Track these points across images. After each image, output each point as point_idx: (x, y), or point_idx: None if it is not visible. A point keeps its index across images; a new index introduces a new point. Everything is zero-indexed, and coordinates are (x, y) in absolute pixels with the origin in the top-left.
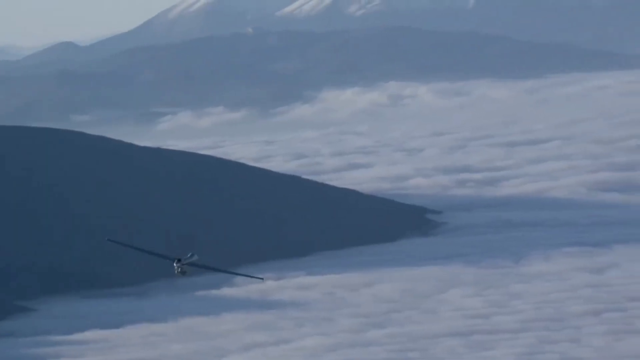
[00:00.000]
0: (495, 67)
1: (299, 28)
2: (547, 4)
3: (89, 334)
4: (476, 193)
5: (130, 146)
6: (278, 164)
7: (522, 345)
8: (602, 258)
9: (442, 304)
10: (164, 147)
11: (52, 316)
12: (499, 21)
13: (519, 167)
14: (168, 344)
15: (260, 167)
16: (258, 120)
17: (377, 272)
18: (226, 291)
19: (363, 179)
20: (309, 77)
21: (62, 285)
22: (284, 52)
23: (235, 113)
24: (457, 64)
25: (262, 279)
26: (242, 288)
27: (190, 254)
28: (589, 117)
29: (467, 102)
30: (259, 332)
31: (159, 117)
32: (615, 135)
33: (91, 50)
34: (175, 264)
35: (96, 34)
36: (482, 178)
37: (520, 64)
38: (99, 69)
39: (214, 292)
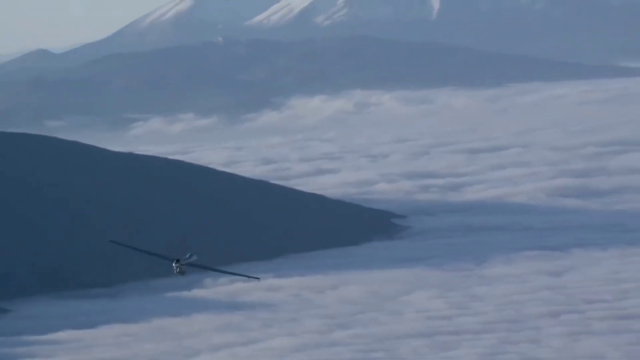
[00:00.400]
0: (458, 76)
1: (268, 37)
2: (508, 16)
3: (62, 334)
4: (439, 198)
5: (103, 151)
6: (247, 169)
7: (483, 345)
8: (560, 261)
9: (406, 305)
10: (136, 152)
11: (26, 317)
12: (461, 32)
13: (481, 173)
14: (139, 344)
15: (229, 172)
16: (227, 127)
17: (343, 274)
18: (196, 293)
19: (329, 184)
20: (277, 85)
21: (35, 286)
22: (253, 61)
23: (205, 119)
24: (421, 73)
25: (258, 278)
26: (211, 290)
27: (188, 254)
28: (547, 125)
29: (430, 110)
30: (228, 333)
31: (131, 123)
32: (573, 142)
33: (65, 57)
34: (174, 264)
35: (70, 42)
36: (445, 183)
37: (482, 74)
38: (73, 76)
39: (185, 293)
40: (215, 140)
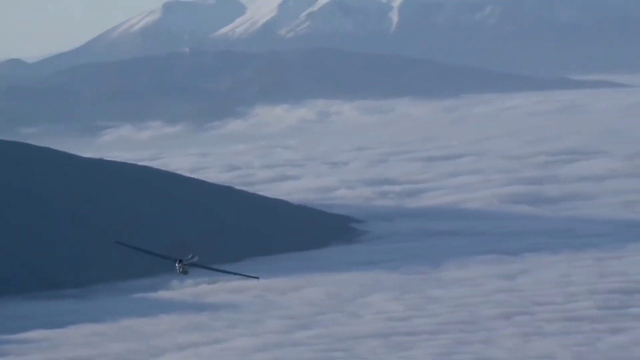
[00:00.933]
0: (415, 87)
1: (232, 48)
2: (463, 31)
3: (33, 334)
4: (397, 204)
5: (74, 157)
6: (212, 175)
7: (438, 346)
8: (513, 265)
9: (364, 307)
10: (106, 158)
11: None
12: (418, 45)
13: (437, 181)
14: (108, 343)
15: (195, 177)
16: (194, 134)
17: (305, 277)
18: (163, 294)
19: (292, 190)
20: (241, 94)
21: (6, 287)
22: (218, 71)
23: (173, 127)
24: (380, 84)
25: (257, 278)
26: (177, 291)
27: (191, 255)
28: (500, 135)
29: (389, 119)
30: (193, 333)
31: (101, 130)
32: (524, 151)
33: (38, 67)
34: (177, 265)
35: (43, 51)
36: (403, 190)
37: (438, 85)
38: (45, 85)
39: (152, 294)
40: (182, 147)
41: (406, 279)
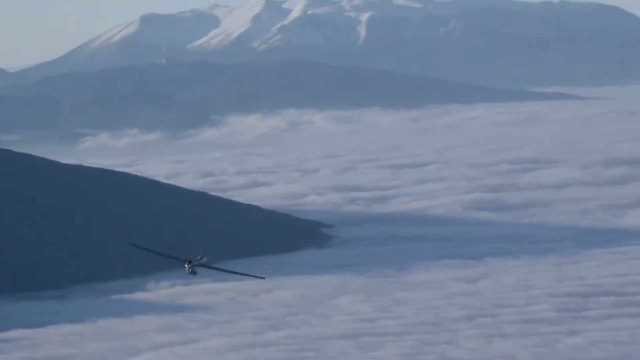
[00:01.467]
0: (383, 98)
1: (208, 60)
2: (428, 44)
3: (13, 333)
4: (365, 210)
5: (54, 163)
6: (188, 181)
7: (405, 346)
8: (475, 269)
9: (333, 309)
10: (85, 164)
11: None
12: (385, 58)
13: (403, 187)
14: (85, 343)
15: (171, 183)
16: (170, 142)
17: (276, 279)
18: (139, 295)
19: (264, 196)
20: (216, 104)
21: None
22: (194, 81)
23: (149, 135)
24: (349, 95)
25: (263, 278)
26: (153, 293)
27: (200, 256)
28: (463, 144)
29: (357, 129)
30: (168, 333)
31: (80, 137)
32: (486, 160)
33: (19, 76)
34: (186, 265)
35: (24, 61)
36: (371, 196)
37: (405, 96)
38: (26, 94)
39: (128, 296)
40: (159, 154)
41: (374, 282)
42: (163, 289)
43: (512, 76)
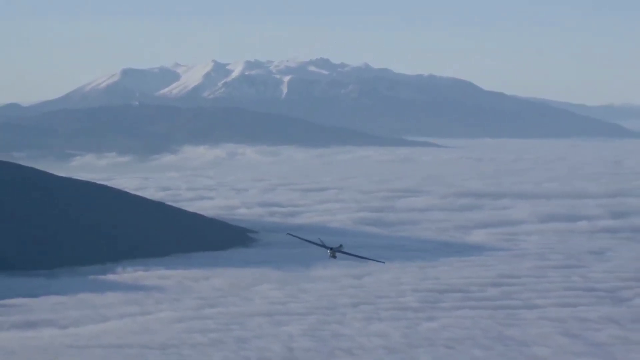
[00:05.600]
0: (298, 138)
1: (170, 104)
2: (332, 100)
3: (14, 301)
4: (281, 221)
5: (51, 175)
6: (151, 193)
7: (307, 323)
8: (361, 269)
9: (255, 293)
10: (74, 177)
11: None
12: (301, 109)
13: (310, 206)
14: (68, 311)
15: (138, 194)
16: (139, 163)
17: (213, 270)
18: (110, 277)
19: (207, 207)
20: (174, 137)
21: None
22: (159, 119)
23: (124, 157)
24: (273, 135)
25: (383, 262)
26: (120, 275)
27: (339, 245)
28: (356, 175)
29: (278, 160)
30: (131, 306)
31: (71, 157)
32: (372, 188)
33: (30, 109)
34: (328, 251)
35: (34, 98)
36: (286, 211)
37: (314, 138)
38: (33, 122)
39: (101, 277)
40: (130, 172)
41: (286, 275)
42: (128, 273)
43: (393, 128)
